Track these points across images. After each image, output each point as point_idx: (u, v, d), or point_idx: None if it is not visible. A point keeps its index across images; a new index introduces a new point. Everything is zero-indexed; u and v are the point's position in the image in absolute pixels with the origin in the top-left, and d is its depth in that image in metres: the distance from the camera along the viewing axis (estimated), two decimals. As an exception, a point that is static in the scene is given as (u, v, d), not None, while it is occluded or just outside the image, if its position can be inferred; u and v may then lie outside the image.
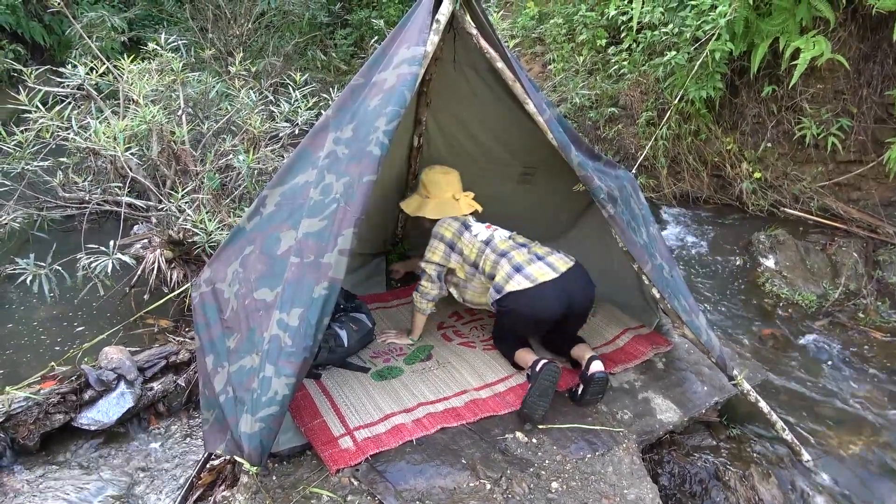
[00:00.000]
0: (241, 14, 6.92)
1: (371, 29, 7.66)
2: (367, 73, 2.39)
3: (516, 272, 2.79)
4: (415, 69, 2.22)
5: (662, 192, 5.64)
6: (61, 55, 8.11)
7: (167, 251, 3.82)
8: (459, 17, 2.37)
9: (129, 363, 3.01)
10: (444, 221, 3.05)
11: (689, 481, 2.66)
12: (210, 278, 2.56)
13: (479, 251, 2.94)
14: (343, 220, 2.15)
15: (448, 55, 2.85)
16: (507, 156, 3.35)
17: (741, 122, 5.30)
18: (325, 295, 2.12)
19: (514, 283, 2.77)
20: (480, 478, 2.34)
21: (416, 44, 2.26)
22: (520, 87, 2.45)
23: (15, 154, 3.73)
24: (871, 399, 3.30)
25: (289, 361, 2.09)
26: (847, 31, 4.59)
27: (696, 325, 2.70)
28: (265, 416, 2.07)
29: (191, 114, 4.50)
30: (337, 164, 2.27)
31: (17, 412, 2.73)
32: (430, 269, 3.05)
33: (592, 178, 2.54)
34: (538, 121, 2.48)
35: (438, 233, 3.03)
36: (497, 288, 2.82)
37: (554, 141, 2.49)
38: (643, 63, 5.56)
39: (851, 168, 4.89)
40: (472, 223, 3.05)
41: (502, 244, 2.92)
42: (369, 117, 2.24)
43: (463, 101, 3.15)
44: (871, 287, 4.21)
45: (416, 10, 2.35)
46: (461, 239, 2.99)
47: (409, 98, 2.20)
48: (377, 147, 2.17)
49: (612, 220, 2.60)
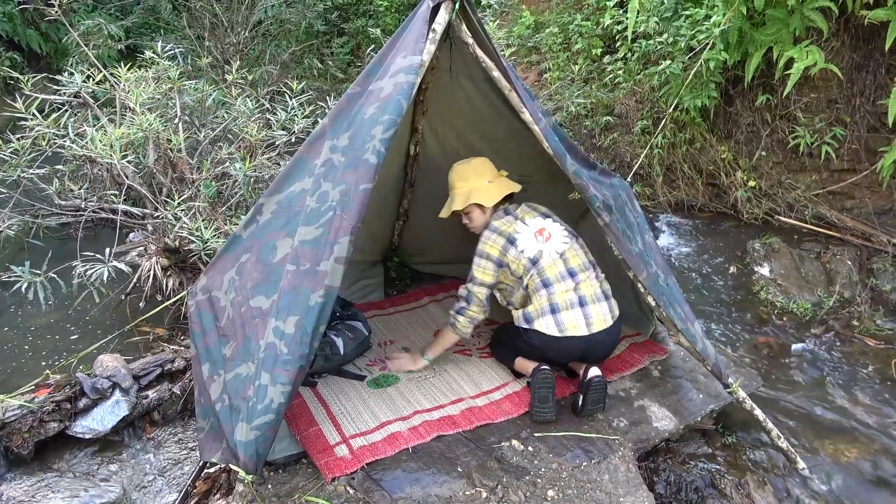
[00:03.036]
0: (237, 22, 6.94)
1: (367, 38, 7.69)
2: (364, 81, 2.41)
3: (551, 314, 2.69)
4: (411, 78, 2.23)
5: (658, 200, 5.65)
6: (58, 63, 8.12)
7: (163, 259, 3.82)
8: (456, 27, 2.38)
9: (124, 371, 3.01)
10: (487, 238, 2.80)
11: (684, 489, 2.66)
12: (206, 286, 2.56)
13: (525, 269, 2.75)
14: (340, 229, 2.16)
15: (444, 64, 2.87)
16: (502, 163, 3.36)
17: (736, 131, 5.33)
18: (322, 303, 2.12)
19: (543, 325, 2.69)
20: (476, 486, 2.34)
21: (412, 53, 2.27)
22: (515, 96, 2.47)
23: (11, 162, 3.73)
24: (865, 407, 3.31)
25: (285, 369, 2.09)
26: (840, 41, 4.63)
27: (692, 334, 2.71)
28: (261, 424, 2.06)
29: (187, 122, 4.51)
30: (333, 171, 2.27)
31: (11, 420, 2.72)
32: (481, 292, 2.82)
33: (588, 187, 2.55)
34: (534, 130, 2.50)
35: (483, 251, 2.79)
36: (526, 317, 2.74)
37: (549, 150, 2.51)
38: (638, 72, 5.59)
39: (845, 177, 4.91)
40: (517, 236, 2.76)
41: (549, 270, 2.73)
42: (365, 125, 2.25)
43: (459, 109, 3.16)
44: (866, 295, 4.23)
45: (413, 20, 2.36)
46: (507, 256, 2.76)
47: (405, 107, 2.21)
48: (374, 155, 2.17)
49: (608, 228, 2.60)
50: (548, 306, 2.71)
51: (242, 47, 6.94)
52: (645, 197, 5.63)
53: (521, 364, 2.86)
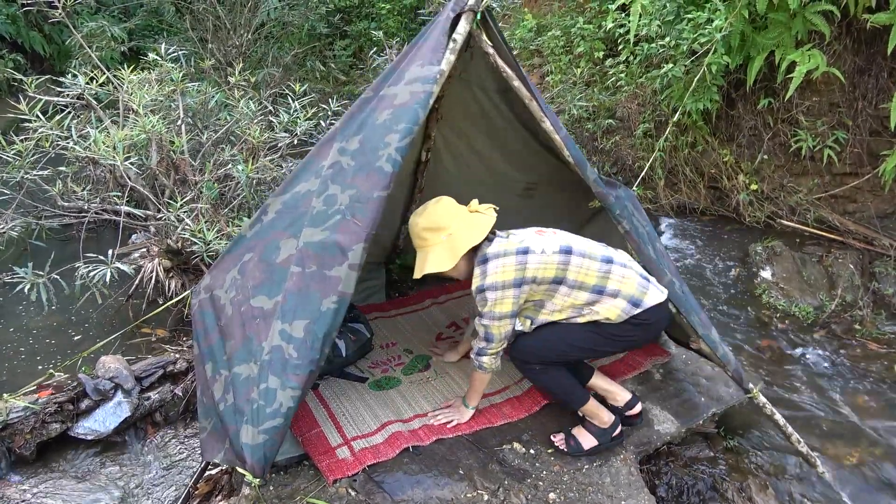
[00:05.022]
0: (240, 25, 6.96)
1: (370, 40, 7.71)
2: (377, 87, 2.39)
3: (647, 282, 2.44)
4: (429, 87, 2.21)
5: (660, 203, 5.66)
6: (61, 65, 8.16)
7: (165, 260, 3.83)
8: (476, 37, 2.36)
9: (126, 372, 3.01)
10: (494, 268, 2.30)
11: (686, 493, 2.66)
12: (209, 285, 2.56)
13: (559, 266, 2.33)
14: (354, 235, 2.13)
15: (456, 71, 2.85)
16: (511, 171, 3.37)
17: (738, 135, 5.34)
18: (335, 309, 2.11)
19: (651, 296, 2.41)
20: (478, 488, 2.34)
21: (430, 62, 2.24)
22: (536, 105, 2.46)
23: (14, 163, 3.73)
24: (868, 410, 3.31)
25: (295, 374, 2.08)
26: (842, 44, 4.64)
27: (713, 340, 2.69)
28: (269, 427, 2.05)
29: (190, 124, 4.52)
30: (342, 175, 2.26)
31: (13, 421, 2.72)
32: (504, 326, 2.36)
33: (608, 196, 2.57)
34: (555, 139, 2.49)
35: (495, 283, 2.29)
36: (635, 302, 2.37)
37: (570, 158, 2.50)
38: (640, 75, 5.60)
39: (847, 180, 4.91)
40: (525, 243, 2.35)
41: (592, 248, 2.41)
42: (378, 131, 2.23)
43: (471, 118, 3.17)
44: (868, 299, 4.23)
45: (431, 29, 2.34)
46: (527, 269, 2.31)
47: (422, 116, 2.19)
48: (389, 164, 2.16)
49: (628, 235, 2.62)
50: (640, 278, 2.42)
51: (245, 49, 6.97)
52: (647, 200, 5.63)
53: (594, 410, 2.55)
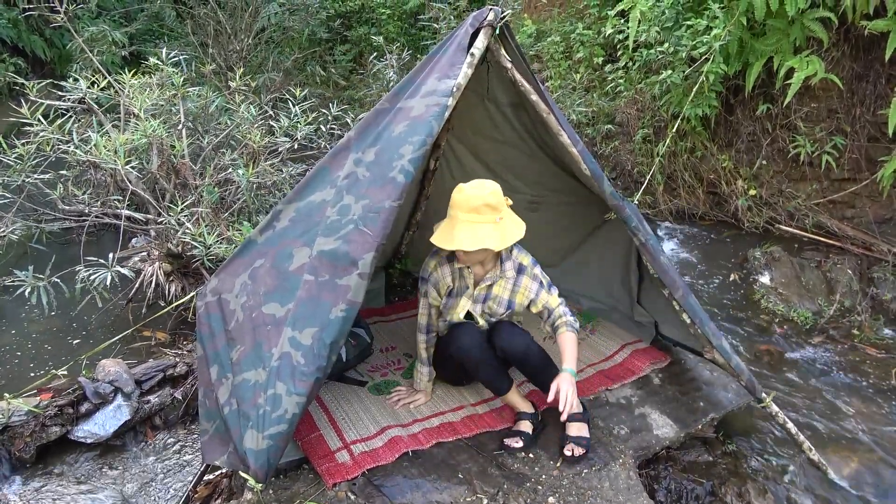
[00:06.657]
0: (241, 29, 6.98)
1: (370, 45, 7.72)
2: (394, 98, 2.40)
3: None
4: (445, 100, 2.22)
5: (659, 208, 5.67)
6: (62, 69, 8.19)
7: (166, 264, 3.84)
8: (494, 51, 2.37)
9: (126, 376, 3.01)
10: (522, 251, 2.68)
11: (685, 497, 2.66)
12: (216, 288, 2.56)
13: None
14: (364, 244, 2.14)
15: (472, 85, 2.85)
16: (518, 184, 3.39)
17: (736, 140, 5.35)
18: (343, 317, 2.12)
19: None
20: (477, 492, 2.34)
21: (446, 76, 2.26)
22: (553, 119, 2.48)
23: (15, 167, 3.74)
24: (866, 416, 3.31)
25: (302, 381, 2.08)
26: (840, 51, 4.66)
27: (725, 349, 2.70)
28: (273, 433, 2.06)
29: (191, 128, 4.53)
30: (357, 185, 2.27)
31: (13, 424, 2.72)
32: None
33: (624, 208, 2.59)
34: (572, 153, 2.50)
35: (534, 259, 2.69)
36: None
37: (587, 171, 2.52)
38: (639, 81, 5.62)
39: (845, 186, 4.93)
40: None
41: None
42: (393, 143, 2.25)
43: (481, 130, 3.19)
44: (866, 304, 4.23)
45: (449, 43, 2.35)
46: None
47: (437, 129, 2.20)
48: (402, 174, 2.17)
49: (644, 247, 2.64)
50: None
51: (246, 54, 6.99)
52: (646, 205, 5.65)
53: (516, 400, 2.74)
